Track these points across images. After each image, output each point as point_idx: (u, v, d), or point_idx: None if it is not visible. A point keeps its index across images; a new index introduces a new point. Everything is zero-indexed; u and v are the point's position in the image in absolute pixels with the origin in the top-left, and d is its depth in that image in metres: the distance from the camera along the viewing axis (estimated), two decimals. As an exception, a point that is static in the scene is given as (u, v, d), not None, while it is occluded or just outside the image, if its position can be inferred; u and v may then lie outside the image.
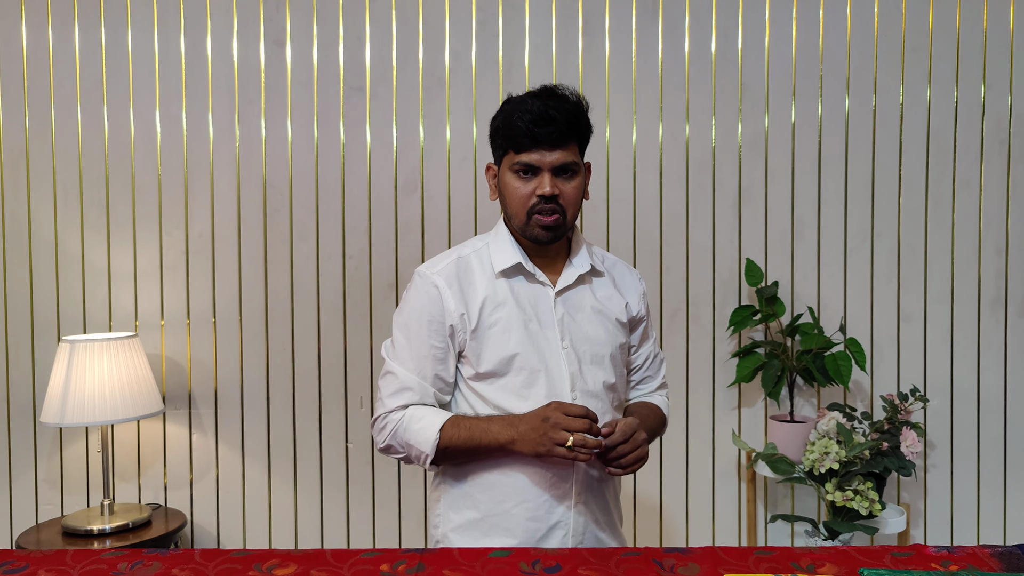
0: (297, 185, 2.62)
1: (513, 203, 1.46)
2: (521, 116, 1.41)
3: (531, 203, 1.44)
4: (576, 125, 1.44)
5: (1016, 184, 2.66)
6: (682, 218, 2.66)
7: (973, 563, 1.19)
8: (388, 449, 1.48)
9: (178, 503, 2.63)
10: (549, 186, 1.42)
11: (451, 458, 1.45)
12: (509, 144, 1.44)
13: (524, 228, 1.46)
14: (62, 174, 2.60)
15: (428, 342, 1.46)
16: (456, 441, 1.41)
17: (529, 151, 1.42)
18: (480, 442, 1.41)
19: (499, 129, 1.47)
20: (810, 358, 2.47)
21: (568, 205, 1.45)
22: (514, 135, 1.42)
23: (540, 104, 1.41)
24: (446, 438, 1.41)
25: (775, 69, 2.64)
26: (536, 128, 1.40)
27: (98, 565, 1.21)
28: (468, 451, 1.42)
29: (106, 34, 2.59)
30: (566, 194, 1.44)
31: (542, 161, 1.42)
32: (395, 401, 1.47)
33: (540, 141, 1.41)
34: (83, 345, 2.31)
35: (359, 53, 2.61)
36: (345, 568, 1.19)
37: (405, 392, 1.47)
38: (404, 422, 1.45)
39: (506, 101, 1.47)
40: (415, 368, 1.47)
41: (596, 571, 1.17)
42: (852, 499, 2.23)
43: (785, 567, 1.18)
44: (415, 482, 2.65)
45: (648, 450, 1.43)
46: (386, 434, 1.47)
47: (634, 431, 1.38)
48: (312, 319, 2.63)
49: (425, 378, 1.47)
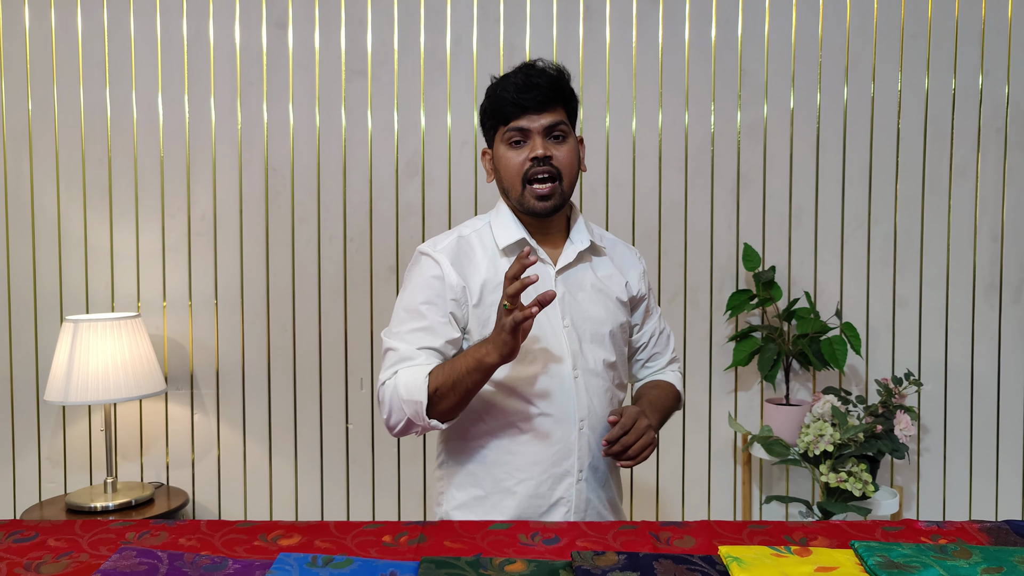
0: (299, 168, 2.63)
1: (508, 174, 1.48)
2: (505, 88, 1.45)
3: (525, 168, 1.45)
4: (560, 89, 1.47)
5: (1012, 171, 2.68)
6: (681, 203, 2.68)
7: (962, 537, 1.21)
8: (390, 420, 1.44)
9: (180, 482, 2.66)
10: (541, 148, 1.44)
11: (445, 399, 1.39)
12: (497, 119, 1.47)
13: (521, 200, 1.48)
14: (65, 156, 2.62)
15: (429, 316, 1.45)
16: (443, 378, 1.38)
17: (518, 118, 1.45)
18: (462, 369, 1.37)
19: (487, 109, 1.50)
20: (806, 342, 2.50)
21: (563, 168, 1.46)
22: (501, 107, 1.45)
23: (522, 74, 1.45)
24: (434, 381, 1.38)
25: (774, 56, 2.66)
26: (521, 95, 1.43)
27: (106, 534, 1.23)
28: (455, 384, 1.37)
29: (108, 16, 2.60)
30: (559, 157, 1.46)
31: (531, 125, 1.44)
32: (390, 372, 1.45)
33: (527, 107, 1.44)
34: (87, 324, 2.33)
35: (361, 37, 2.62)
36: (348, 539, 1.22)
37: (403, 362, 1.44)
38: (395, 385, 1.42)
39: (490, 84, 1.51)
40: (415, 340, 1.45)
41: (593, 543, 1.20)
42: (846, 480, 2.26)
43: (778, 540, 1.20)
44: (415, 462, 2.68)
45: (655, 436, 1.44)
46: (385, 404, 1.44)
47: (635, 420, 1.40)
48: (313, 301, 2.65)
49: (423, 349, 1.44)
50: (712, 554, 1.13)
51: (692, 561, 1.09)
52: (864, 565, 1.07)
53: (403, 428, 1.44)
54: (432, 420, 1.40)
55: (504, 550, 1.18)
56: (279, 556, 1.12)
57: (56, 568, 1.11)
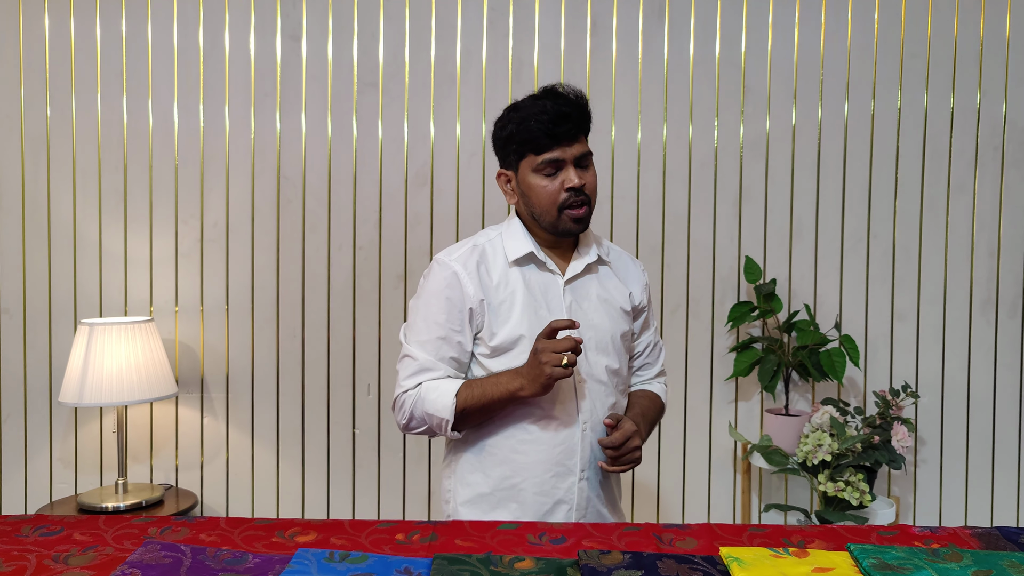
0: (310, 177, 2.69)
1: (543, 201, 1.54)
2: (538, 118, 1.49)
3: (561, 198, 1.52)
4: (586, 118, 1.54)
5: (1009, 189, 2.74)
6: (684, 216, 2.73)
7: (954, 542, 1.26)
8: (408, 425, 1.56)
9: (189, 484, 2.71)
10: (577, 178, 1.51)
11: (469, 419, 1.52)
12: (527, 147, 1.52)
13: (556, 223, 1.54)
14: (81, 162, 2.67)
15: (446, 325, 1.54)
16: (471, 401, 1.49)
17: (551, 150, 1.51)
18: (493, 396, 1.49)
19: (513, 135, 1.54)
20: (806, 354, 2.54)
21: (591, 193, 1.55)
22: (533, 137, 1.51)
23: (552, 104, 1.50)
24: (462, 401, 1.50)
25: (777, 73, 2.71)
26: (555, 127, 1.49)
27: (129, 529, 1.28)
28: (483, 408, 1.50)
29: (127, 27, 2.66)
30: (589, 183, 1.54)
31: (565, 156, 1.51)
32: (412, 381, 1.55)
33: (560, 138, 1.50)
34: (102, 328, 2.38)
35: (373, 50, 2.68)
36: (362, 536, 1.26)
37: (422, 373, 1.55)
38: (421, 395, 1.53)
39: (511, 108, 1.55)
40: (433, 350, 1.54)
41: (599, 543, 1.24)
42: (843, 490, 2.31)
43: (777, 542, 1.25)
44: (420, 468, 2.73)
45: (641, 455, 1.55)
46: (405, 411, 1.55)
47: (628, 438, 1.51)
48: (322, 308, 2.70)
49: (442, 359, 1.54)
50: (713, 555, 1.17)
51: (694, 561, 1.14)
52: (859, 567, 1.12)
53: (420, 433, 1.57)
54: (453, 433, 1.53)
55: (513, 548, 1.22)
56: (297, 551, 1.16)
57: (83, 560, 1.16)
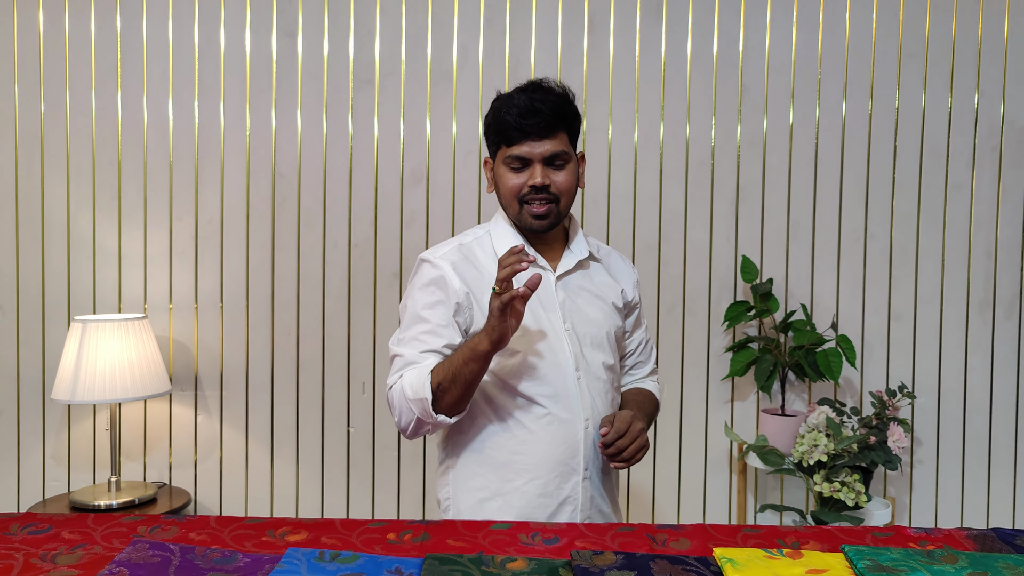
0: (305, 174, 2.67)
1: (506, 194, 1.52)
2: (509, 110, 1.47)
3: (522, 192, 1.50)
4: (563, 115, 1.49)
5: (1006, 189, 2.73)
6: (681, 215, 2.72)
7: (949, 543, 1.25)
8: (401, 420, 1.48)
9: (182, 482, 2.70)
10: (540, 176, 1.47)
11: (449, 395, 1.43)
12: (500, 139, 1.50)
13: (518, 217, 1.53)
14: (76, 158, 2.66)
15: (433, 320, 1.49)
16: (443, 373, 1.42)
17: (519, 143, 1.47)
18: (460, 360, 1.41)
19: (490, 125, 1.52)
20: (802, 354, 2.54)
21: (561, 193, 1.51)
22: (504, 129, 1.48)
23: (526, 97, 1.47)
24: (435, 377, 1.42)
25: (774, 72, 2.71)
26: (524, 120, 1.45)
27: (118, 528, 1.27)
28: (456, 377, 1.41)
29: (122, 23, 2.64)
30: (557, 183, 1.50)
31: (532, 153, 1.48)
32: (396, 376, 1.49)
33: (529, 133, 1.46)
34: (95, 325, 2.36)
35: (369, 47, 2.66)
36: (353, 536, 1.25)
37: (409, 366, 1.48)
38: (402, 385, 1.46)
39: (495, 98, 1.53)
40: (418, 345, 1.49)
41: (592, 543, 1.23)
42: (839, 490, 2.30)
43: (771, 543, 1.24)
44: (414, 466, 2.72)
45: (647, 438, 1.49)
46: (394, 407, 1.48)
47: (629, 424, 1.45)
48: (317, 306, 2.69)
49: (431, 353, 1.48)
50: (707, 555, 1.16)
51: (687, 562, 1.13)
52: (853, 568, 1.11)
53: (414, 428, 1.48)
54: (439, 416, 1.45)
55: (505, 549, 1.21)
56: (287, 551, 1.15)
57: (71, 559, 1.15)
